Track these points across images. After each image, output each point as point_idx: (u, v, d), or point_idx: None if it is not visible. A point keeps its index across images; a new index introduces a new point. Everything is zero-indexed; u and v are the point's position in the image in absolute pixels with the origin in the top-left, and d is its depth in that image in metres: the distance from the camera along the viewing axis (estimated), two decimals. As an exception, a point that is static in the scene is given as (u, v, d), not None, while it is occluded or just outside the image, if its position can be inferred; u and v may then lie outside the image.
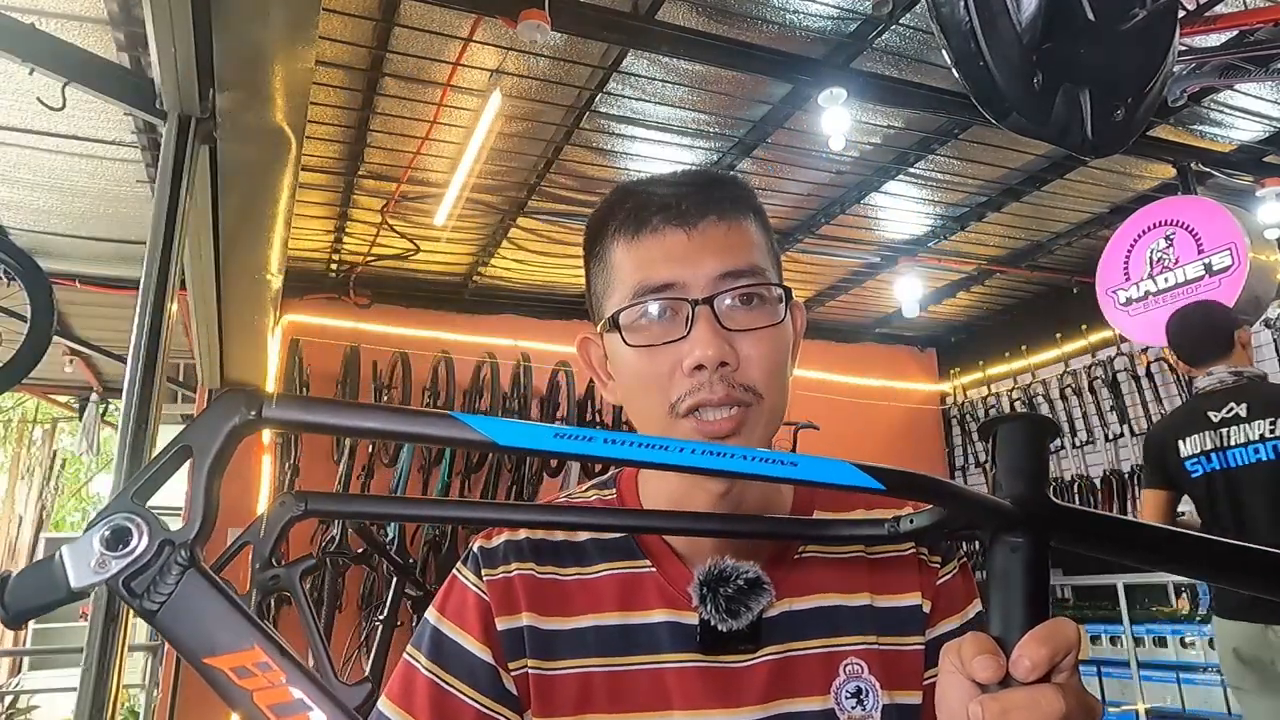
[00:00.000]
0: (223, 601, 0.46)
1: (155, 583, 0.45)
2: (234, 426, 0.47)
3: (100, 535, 0.45)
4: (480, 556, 0.80)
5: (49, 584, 0.44)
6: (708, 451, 0.48)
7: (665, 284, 0.74)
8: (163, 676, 4.57)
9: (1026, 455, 0.51)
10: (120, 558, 0.44)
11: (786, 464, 0.49)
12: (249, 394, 0.47)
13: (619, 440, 0.48)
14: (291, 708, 0.44)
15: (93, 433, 6.67)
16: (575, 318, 5.74)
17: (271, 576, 0.59)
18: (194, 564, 0.46)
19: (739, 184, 0.82)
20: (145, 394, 1.97)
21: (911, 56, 3.34)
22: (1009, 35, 1.61)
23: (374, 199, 4.28)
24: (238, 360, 4.47)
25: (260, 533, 0.62)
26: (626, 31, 3.04)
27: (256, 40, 1.99)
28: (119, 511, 0.45)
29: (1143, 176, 4.39)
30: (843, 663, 0.76)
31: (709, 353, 0.71)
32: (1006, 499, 0.50)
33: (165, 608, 0.45)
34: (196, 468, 0.46)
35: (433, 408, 4.67)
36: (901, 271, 5.19)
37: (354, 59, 3.25)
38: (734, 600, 0.72)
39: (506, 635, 0.76)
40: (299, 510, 0.62)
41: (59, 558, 0.45)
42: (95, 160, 3.55)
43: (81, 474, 10.95)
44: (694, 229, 0.75)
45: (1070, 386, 5.58)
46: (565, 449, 0.48)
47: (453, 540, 4.71)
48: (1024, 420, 0.52)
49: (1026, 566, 0.50)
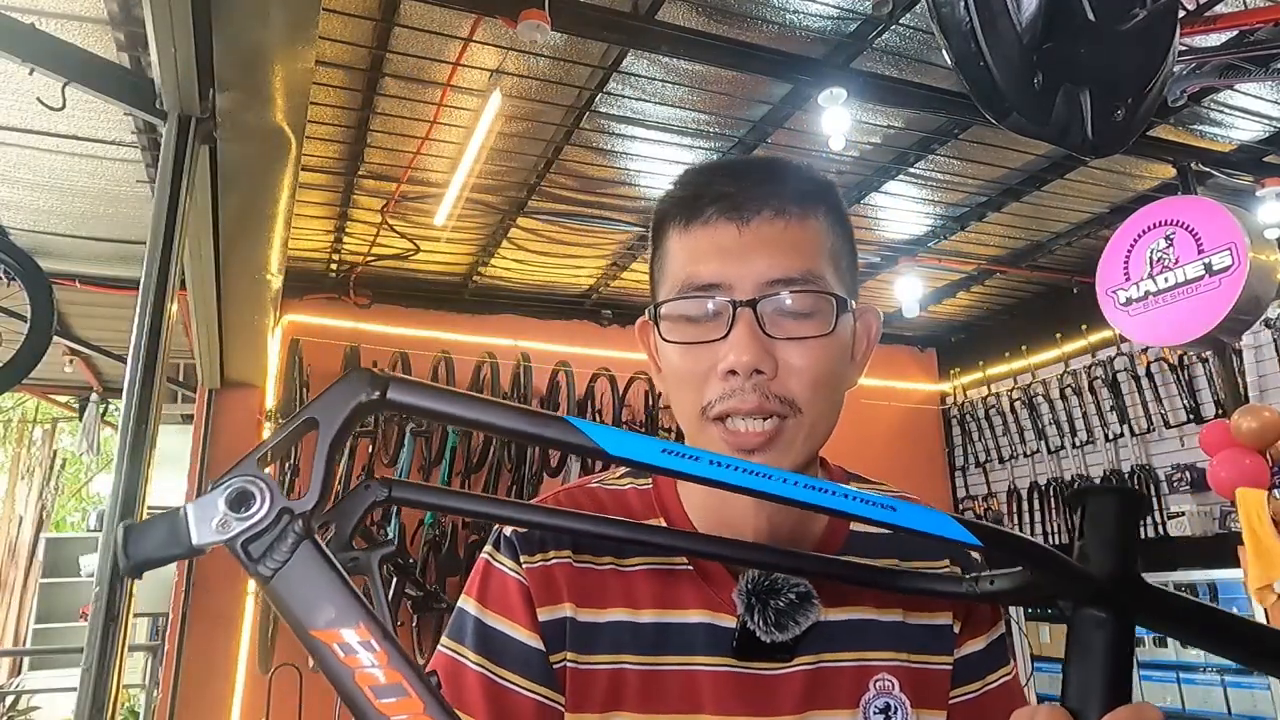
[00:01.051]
0: (334, 576, 0.46)
1: (272, 549, 0.45)
2: (359, 404, 0.48)
3: (225, 496, 0.46)
4: (517, 542, 0.76)
5: (171, 538, 0.46)
6: (810, 486, 0.48)
7: (711, 283, 0.70)
8: (163, 676, 4.56)
9: (1118, 530, 0.50)
10: (242, 520, 0.45)
11: (885, 508, 0.48)
12: (375, 374, 0.48)
13: (725, 464, 0.49)
14: (389, 690, 0.45)
15: (93, 433, 6.67)
16: (575, 318, 5.74)
17: (351, 558, 0.59)
18: (309, 535, 0.46)
19: (808, 176, 0.76)
20: (145, 394, 1.97)
21: (911, 56, 3.34)
22: (1009, 35, 1.60)
23: (374, 199, 4.28)
24: (238, 360, 4.47)
25: (343, 515, 0.62)
26: (626, 31, 3.04)
27: (256, 40, 1.99)
28: (245, 474, 0.46)
29: (1143, 176, 4.39)
30: (873, 678, 0.74)
31: (743, 358, 0.67)
32: (1095, 572, 0.50)
33: (279, 575, 0.45)
34: (320, 441, 0.47)
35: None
36: (901, 271, 5.19)
37: (354, 59, 3.25)
38: (784, 614, 0.69)
39: (548, 626, 0.73)
40: (382, 496, 0.62)
41: (183, 513, 0.46)
42: (95, 160, 3.55)
43: (81, 474, 10.94)
44: (747, 225, 0.71)
45: (1070, 386, 5.58)
46: (671, 465, 0.48)
47: (453, 541, 4.71)
48: (1117, 494, 0.51)
49: (1110, 644, 0.49)
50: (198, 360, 4.55)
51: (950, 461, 6.51)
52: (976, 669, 0.79)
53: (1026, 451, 5.84)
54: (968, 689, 0.79)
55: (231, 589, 4.69)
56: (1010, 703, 0.78)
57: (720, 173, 0.74)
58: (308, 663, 4.61)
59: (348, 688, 0.44)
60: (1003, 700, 0.79)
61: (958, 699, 0.78)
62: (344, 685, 0.45)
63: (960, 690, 0.78)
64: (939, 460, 6.51)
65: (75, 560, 7.53)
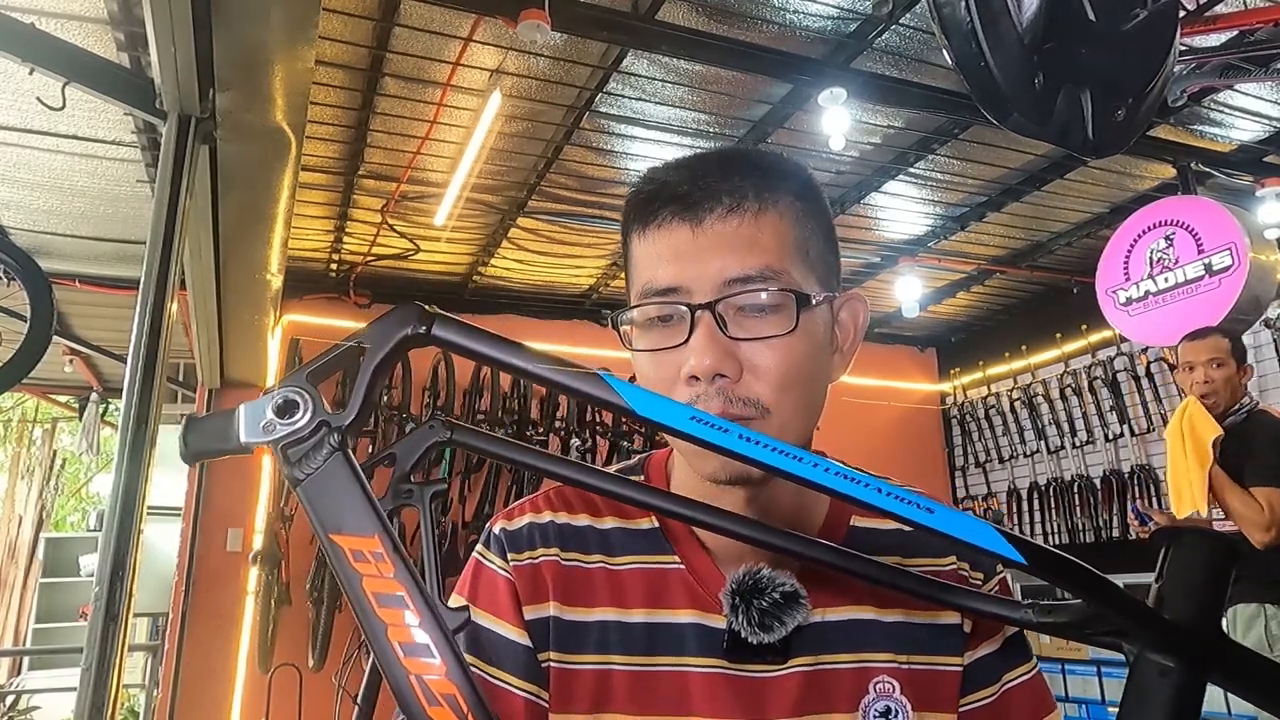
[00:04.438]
0: (358, 489, 0.49)
1: (308, 456, 0.49)
2: (405, 336, 0.50)
3: (274, 403, 0.49)
4: (505, 540, 0.76)
5: (223, 434, 0.49)
6: (842, 475, 0.48)
7: (668, 287, 0.69)
8: (163, 676, 4.57)
9: (1205, 577, 0.47)
10: (286, 425, 0.48)
11: (921, 508, 0.46)
12: (423, 310, 0.50)
13: (754, 440, 0.49)
14: (391, 600, 0.47)
15: (93, 433, 6.66)
16: (575, 318, 5.74)
17: (406, 490, 0.62)
18: (342, 449, 0.49)
19: (765, 165, 0.73)
20: (145, 394, 1.97)
21: (911, 56, 3.34)
22: (1010, 36, 1.60)
23: (374, 199, 4.28)
24: (238, 360, 4.47)
25: (404, 451, 0.65)
26: (626, 31, 3.03)
27: (256, 40, 1.99)
28: (293, 386, 0.49)
29: (1143, 176, 4.39)
30: (873, 680, 0.72)
31: (704, 362, 0.66)
32: (1168, 616, 0.46)
33: (310, 479, 0.48)
34: (365, 363, 0.50)
35: (432, 414, 4.69)
36: (901, 271, 5.19)
37: (354, 59, 3.25)
38: (768, 614, 0.68)
39: (533, 625, 0.73)
40: (444, 436, 0.64)
41: (237, 413, 0.49)
42: (95, 160, 3.55)
43: (81, 474, 10.93)
44: (700, 225, 0.69)
45: (1070, 386, 5.58)
46: (697, 433, 0.49)
47: (452, 541, 4.71)
48: (1212, 539, 0.47)
49: (1174, 696, 0.45)
50: (198, 360, 4.55)
51: (950, 461, 6.51)
52: (992, 671, 0.76)
53: (1026, 451, 5.84)
54: (984, 693, 0.75)
55: (231, 589, 4.69)
56: (1033, 701, 0.75)
57: (675, 171, 0.73)
58: (307, 663, 4.62)
59: (355, 593, 0.47)
60: (1024, 698, 0.75)
61: (974, 704, 0.75)
62: (352, 588, 0.47)
63: (977, 695, 0.75)
64: (939, 460, 6.51)
65: (75, 560, 7.53)
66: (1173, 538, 0.48)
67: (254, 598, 4.67)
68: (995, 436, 6.08)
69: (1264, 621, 2.81)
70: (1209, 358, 2.97)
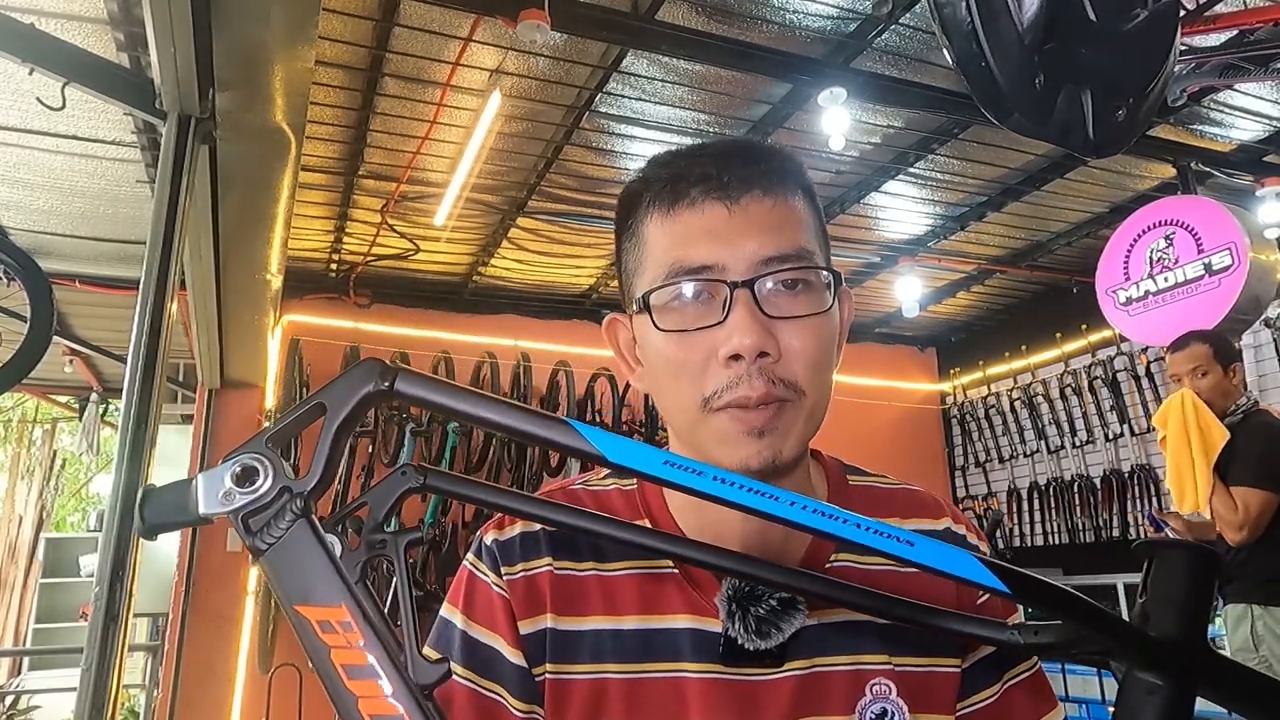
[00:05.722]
0: (323, 556, 0.48)
1: (270, 524, 0.47)
2: (367, 393, 0.49)
3: (231, 471, 0.48)
4: (497, 551, 0.74)
5: (181, 506, 0.48)
6: (819, 512, 0.47)
7: (702, 265, 0.67)
8: (163, 676, 4.56)
9: (1187, 590, 0.46)
10: (245, 494, 0.47)
11: (902, 541, 0.46)
12: (385, 366, 0.49)
13: (729, 480, 0.49)
14: (362, 671, 0.46)
15: (93, 433, 6.66)
16: (575, 318, 5.74)
17: (380, 540, 0.60)
18: (306, 514, 0.48)
19: (787, 157, 0.74)
20: (145, 394, 1.97)
21: (911, 56, 3.34)
22: (1011, 36, 1.60)
23: (374, 199, 4.28)
24: (238, 360, 4.47)
25: (377, 499, 0.63)
26: (626, 31, 3.04)
27: (256, 40, 1.99)
28: (252, 452, 0.48)
29: (1143, 176, 4.39)
30: (869, 683, 0.71)
31: (747, 341, 0.64)
32: (1153, 633, 0.46)
33: (273, 549, 0.47)
34: (326, 425, 0.49)
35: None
36: (901, 271, 5.19)
37: (354, 59, 3.25)
38: (765, 621, 0.67)
39: (529, 639, 0.71)
40: (417, 483, 0.62)
41: (194, 484, 0.48)
42: (95, 160, 3.55)
43: (81, 474, 10.93)
44: (736, 204, 0.68)
45: (1070, 386, 5.58)
46: (673, 478, 0.49)
47: (452, 541, 4.71)
48: (1188, 550, 0.47)
49: (1164, 712, 0.45)
50: (198, 360, 4.54)
51: (950, 461, 6.51)
52: (992, 671, 0.75)
53: (1026, 451, 5.85)
54: (987, 693, 0.75)
55: (231, 589, 4.69)
56: (1035, 698, 0.75)
57: (699, 154, 0.72)
58: (307, 663, 4.60)
59: (324, 665, 0.46)
60: (1025, 695, 0.75)
61: (975, 706, 0.74)
62: (321, 662, 0.46)
63: (977, 697, 0.74)
64: (939, 460, 6.51)
65: (75, 560, 7.52)
66: (1154, 551, 0.48)
67: (254, 598, 4.67)
68: (995, 436, 6.09)
69: (1250, 622, 2.82)
70: (1191, 367, 2.98)
